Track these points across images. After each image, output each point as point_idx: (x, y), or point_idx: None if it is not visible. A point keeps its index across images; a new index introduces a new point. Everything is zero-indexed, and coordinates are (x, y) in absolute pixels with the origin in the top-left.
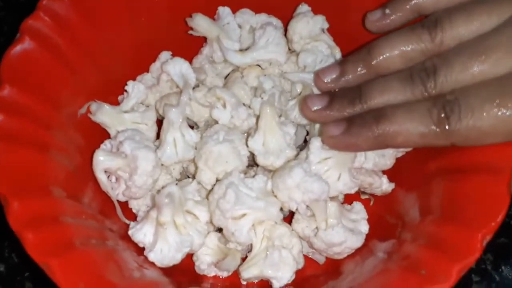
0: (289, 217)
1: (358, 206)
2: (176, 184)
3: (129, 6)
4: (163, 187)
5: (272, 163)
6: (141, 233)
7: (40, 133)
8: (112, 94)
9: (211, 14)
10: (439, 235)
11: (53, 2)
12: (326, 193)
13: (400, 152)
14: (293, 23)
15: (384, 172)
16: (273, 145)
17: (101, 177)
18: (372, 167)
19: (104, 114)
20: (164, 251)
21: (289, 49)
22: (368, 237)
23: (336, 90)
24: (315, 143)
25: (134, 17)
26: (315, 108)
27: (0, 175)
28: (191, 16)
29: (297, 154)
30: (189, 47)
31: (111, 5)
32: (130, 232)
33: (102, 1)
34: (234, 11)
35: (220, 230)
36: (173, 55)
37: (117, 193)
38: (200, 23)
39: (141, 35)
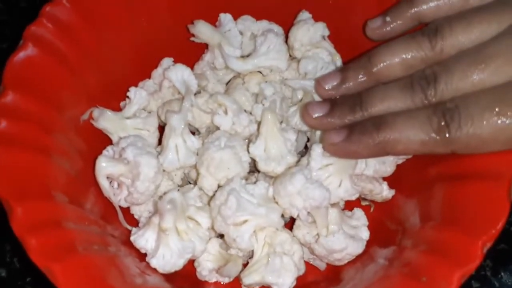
0: (290, 223)
1: (358, 212)
2: (178, 190)
3: (132, 13)
4: (165, 193)
5: (273, 169)
6: (143, 239)
7: (43, 139)
8: (114, 100)
9: (213, 20)
10: (440, 241)
11: (56, 9)
12: (327, 199)
13: (400, 159)
14: (294, 30)
15: (384, 178)
16: (274, 151)
17: (104, 183)
18: (372, 173)
19: (106, 120)
20: (166, 257)
21: (290, 56)
22: (369, 244)
23: (337, 97)
24: (317, 150)
25: (136, 24)
26: (316, 115)
27: (3, 180)
28: (192, 23)
29: (298, 161)
30: (191, 53)
31: (113, 12)
32: (132, 238)
33: (104, 8)
34: (235, 18)
35: (221, 236)
36: (175, 62)
37: (119, 199)
38: (201, 30)
39: (143, 42)
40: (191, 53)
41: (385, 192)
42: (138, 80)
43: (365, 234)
